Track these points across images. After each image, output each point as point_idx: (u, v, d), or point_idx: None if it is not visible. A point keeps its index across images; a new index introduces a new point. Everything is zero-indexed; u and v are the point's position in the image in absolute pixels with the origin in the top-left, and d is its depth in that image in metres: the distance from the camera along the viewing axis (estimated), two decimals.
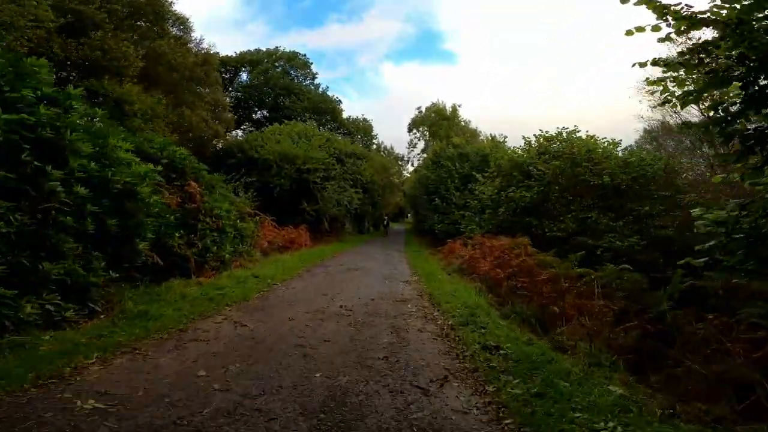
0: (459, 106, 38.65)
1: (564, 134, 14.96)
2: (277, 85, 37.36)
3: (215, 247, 9.63)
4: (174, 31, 18.20)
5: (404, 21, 77.67)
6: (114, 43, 13.36)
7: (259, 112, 39.33)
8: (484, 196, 15.42)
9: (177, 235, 8.57)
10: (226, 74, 41.33)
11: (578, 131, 14.84)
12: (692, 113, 19.81)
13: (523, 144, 16.17)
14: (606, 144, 14.58)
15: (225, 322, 5.74)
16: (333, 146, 24.13)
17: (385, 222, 35.77)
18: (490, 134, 20.76)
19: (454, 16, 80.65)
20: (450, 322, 6.03)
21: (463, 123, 34.70)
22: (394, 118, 73.37)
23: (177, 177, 10.08)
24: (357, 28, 74.57)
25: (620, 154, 14.40)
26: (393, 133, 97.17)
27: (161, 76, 16.61)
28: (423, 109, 40.83)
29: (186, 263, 8.55)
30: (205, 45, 19.65)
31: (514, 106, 75.56)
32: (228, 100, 39.33)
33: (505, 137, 20.23)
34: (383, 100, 74.56)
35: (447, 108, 37.89)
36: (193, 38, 18.76)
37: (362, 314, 6.38)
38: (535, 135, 15.52)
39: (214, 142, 21.58)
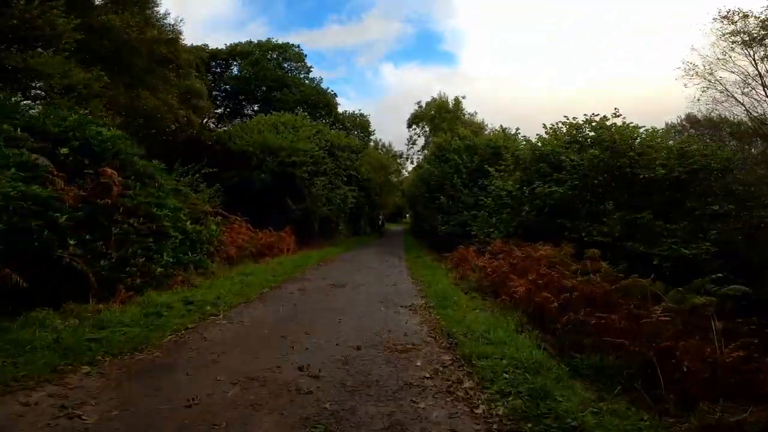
0: (462, 98, 35.85)
1: (594, 122, 12.13)
2: (268, 78, 34.54)
3: (142, 259, 6.76)
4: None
5: (404, 22, 75.58)
6: (39, 12, 10.55)
7: (249, 107, 36.58)
8: (502, 192, 12.59)
9: (72, 242, 5.72)
10: (217, 68, 38.70)
11: (615, 116, 12.01)
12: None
13: (542, 134, 13.34)
14: (647, 132, 11.78)
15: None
16: (324, 138, 21.29)
17: (380, 222, 32.55)
18: (500, 126, 17.76)
19: (454, 17, 78.19)
20: (499, 411, 3.20)
21: (468, 115, 31.96)
22: (393, 119, 70.76)
23: (92, 163, 7.25)
24: (356, 28, 72.62)
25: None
26: (392, 134, 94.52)
27: (115, 54, 13.74)
28: (423, 104, 38.12)
29: (84, 281, 5.69)
30: (170, 20, 16.68)
31: (514, 105, 72.95)
32: (215, 92, 36.70)
33: (517, 129, 17.37)
34: (382, 101, 72.13)
35: (449, 101, 35.16)
36: (156, 13, 15.84)
37: (335, 388, 3.50)
38: (560, 122, 12.68)
39: (187, 133, 18.69)
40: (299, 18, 69.37)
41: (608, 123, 11.80)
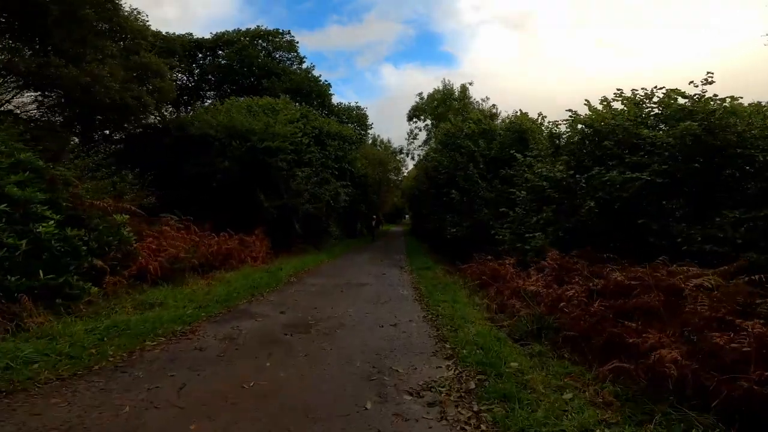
0: (470, 84, 31.58)
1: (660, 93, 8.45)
2: (254, 65, 30.99)
3: None
4: None
5: (404, 23, 72.88)
6: None
7: (235, 99, 32.97)
8: (542, 183, 8.94)
9: None
10: (203, 59, 35.14)
11: (705, 84, 8.30)
12: None
13: (587, 112, 9.70)
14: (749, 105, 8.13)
15: None
16: (311, 124, 17.67)
17: (374, 222, 27.96)
18: (518, 110, 14.08)
19: (453, 17, 75.05)
20: None
21: (478, 102, 28.18)
22: (393, 120, 67.42)
23: None
24: (357, 29, 69.84)
25: None
26: (392, 135, 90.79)
27: (21, 8, 10.12)
28: (425, 96, 34.42)
29: None
30: None
31: (515, 104, 69.52)
32: (202, 85, 33.08)
33: (543, 115, 13.73)
34: (382, 102, 69.08)
35: (455, 89, 31.38)
36: None
37: None
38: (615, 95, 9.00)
39: (142, 117, 15.05)
40: (300, 19, 66.85)
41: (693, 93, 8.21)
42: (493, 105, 14.26)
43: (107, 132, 16.39)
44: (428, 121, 33.63)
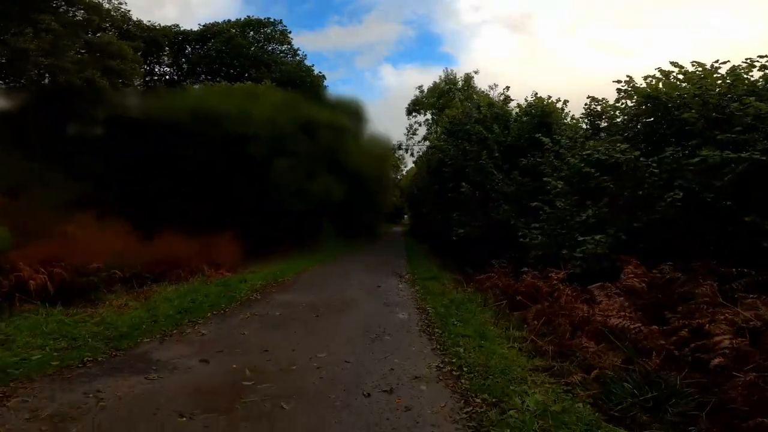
0: (475, 73, 28.61)
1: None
2: (242, 56, 28.73)
3: None
4: None
5: (404, 23, 71.14)
6: None
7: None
8: (588, 170, 6.59)
9: None
10: (192, 53, 32.88)
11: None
12: None
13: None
14: None
15: None
16: (298, 112, 15.35)
17: (369, 222, 24.67)
18: (535, 92, 11.68)
19: (453, 18, 73.12)
20: None
21: (484, 91, 25.44)
22: (392, 121, 65.21)
23: None
24: (357, 30, 68.07)
25: None
26: (390, 135, 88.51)
27: None
28: (425, 89, 32.01)
29: None
30: None
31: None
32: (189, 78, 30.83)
33: (564, 100, 11.37)
34: (382, 103, 67.19)
35: (459, 79, 28.80)
36: None
37: None
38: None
39: (97, 101, 12.72)
40: (300, 19, 65.06)
41: None
42: (506, 88, 11.93)
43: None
44: (428, 116, 31.24)
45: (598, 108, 8.45)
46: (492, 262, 8.33)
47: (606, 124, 8.33)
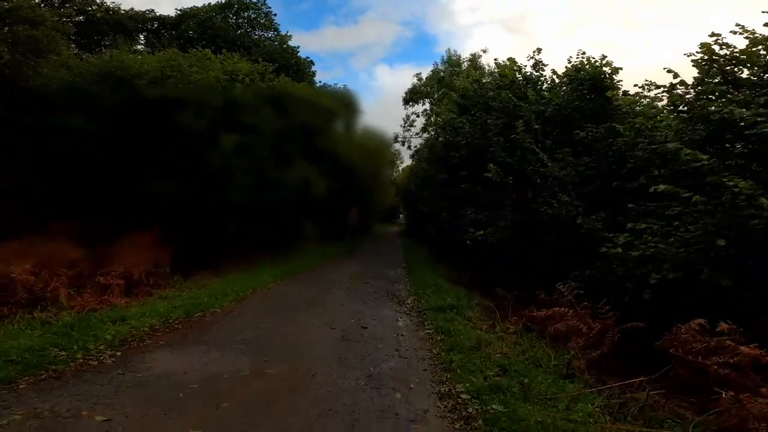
0: (483, 52, 24.25)
1: None
2: (220, 38, 25.28)
3: None
4: None
5: (399, 24, 68.66)
6: None
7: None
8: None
9: None
10: (169, 40, 29.39)
11: None
12: None
13: None
14: None
15: None
16: (267, 84, 11.97)
17: (353, 221, 20.41)
18: (581, 51, 8.07)
19: (448, 19, 70.43)
20: None
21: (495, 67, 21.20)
22: (388, 121, 62.26)
23: None
24: (353, 31, 65.52)
25: None
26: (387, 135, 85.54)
27: None
28: (424, 77, 28.46)
29: None
30: None
31: None
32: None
33: (616, 66, 7.85)
34: (378, 103, 64.55)
35: (464, 60, 25.13)
36: None
37: None
38: None
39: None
40: (296, 20, 62.53)
41: None
42: (538, 50, 8.52)
43: None
44: (427, 105, 27.76)
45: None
46: (558, 288, 4.93)
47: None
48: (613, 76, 7.76)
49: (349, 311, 5.68)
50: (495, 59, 10.33)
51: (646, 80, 6.17)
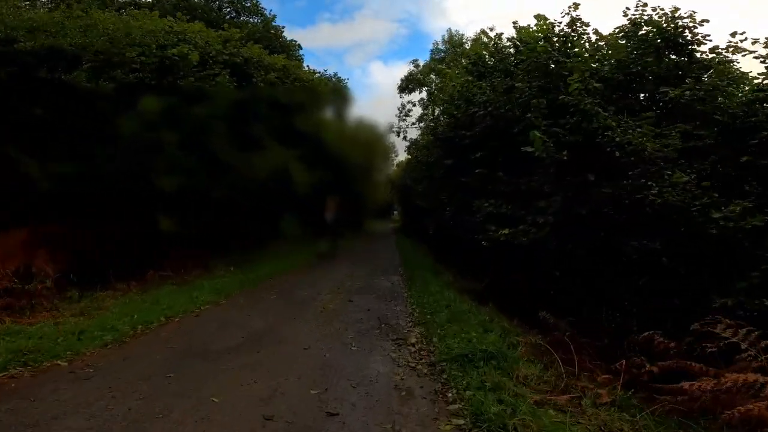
0: (490, 29, 20.81)
1: None
2: (197, 18, 22.64)
3: None
4: None
5: (395, 21, 67.14)
6: None
7: None
8: None
9: None
10: None
11: None
12: None
13: None
14: None
15: None
16: (228, 50, 9.52)
17: (330, 218, 14.41)
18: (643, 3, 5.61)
19: (444, 17, 68.89)
20: None
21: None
22: (383, 118, 60.71)
23: None
24: (348, 27, 63.93)
25: None
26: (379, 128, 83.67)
27: None
28: (420, 64, 25.92)
29: None
30: None
31: None
32: None
33: (696, 18, 5.53)
34: (373, 100, 63.18)
35: (467, 39, 22.40)
36: None
37: None
38: None
39: None
40: (291, 16, 61.00)
41: None
42: (575, 5, 6.35)
43: None
44: (424, 93, 25.30)
45: None
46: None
47: None
48: (695, 30, 5.49)
49: (311, 366, 3.28)
50: (514, 22, 7.85)
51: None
